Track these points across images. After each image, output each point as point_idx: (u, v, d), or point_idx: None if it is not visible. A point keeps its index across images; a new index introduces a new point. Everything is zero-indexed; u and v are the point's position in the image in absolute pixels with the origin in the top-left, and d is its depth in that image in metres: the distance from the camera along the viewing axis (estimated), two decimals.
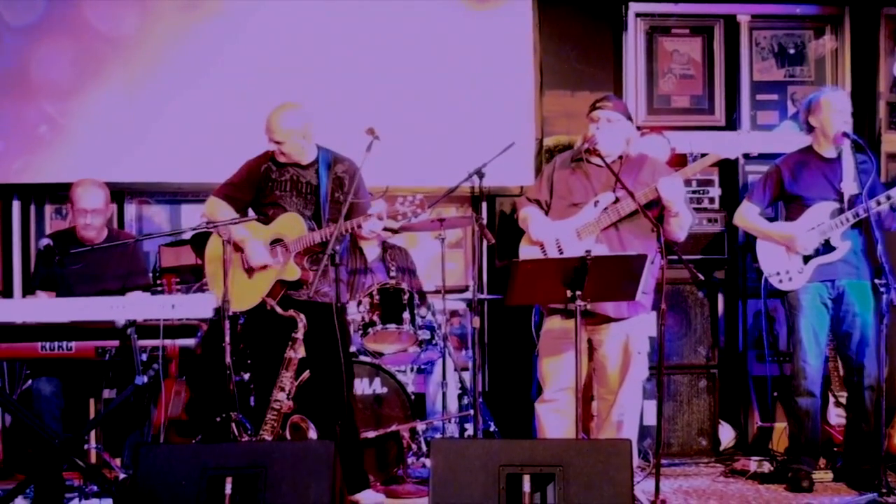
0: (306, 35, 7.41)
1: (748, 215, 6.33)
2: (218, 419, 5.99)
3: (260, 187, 5.74)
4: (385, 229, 6.00)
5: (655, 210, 5.47)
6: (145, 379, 5.06)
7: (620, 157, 5.63)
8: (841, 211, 6.02)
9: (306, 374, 5.92)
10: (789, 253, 6.12)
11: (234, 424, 5.86)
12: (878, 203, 5.89)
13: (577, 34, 7.75)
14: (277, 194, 5.72)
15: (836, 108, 6.09)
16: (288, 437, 5.62)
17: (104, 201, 6.05)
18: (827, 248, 6.05)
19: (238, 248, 5.67)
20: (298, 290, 5.59)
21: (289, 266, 5.59)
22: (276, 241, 5.66)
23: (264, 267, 5.62)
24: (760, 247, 6.26)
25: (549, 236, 5.62)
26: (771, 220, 6.41)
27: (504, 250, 7.04)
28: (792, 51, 7.70)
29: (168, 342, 5.19)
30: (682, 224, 5.54)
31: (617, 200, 5.50)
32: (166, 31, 7.38)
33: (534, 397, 5.97)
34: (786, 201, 6.30)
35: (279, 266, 5.61)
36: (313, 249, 5.58)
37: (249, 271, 5.67)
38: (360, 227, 5.53)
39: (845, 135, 6.00)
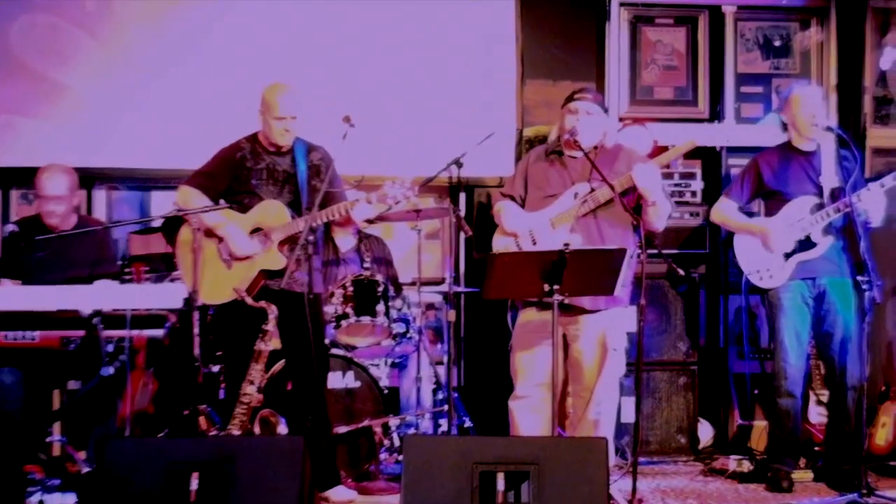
0: (283, 21, 7.38)
1: (725, 210, 6.31)
2: (185, 412, 5.96)
3: (235, 176, 5.71)
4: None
5: (632, 199, 5.45)
6: (111, 370, 5.01)
7: (595, 148, 5.61)
8: (821, 206, 6.01)
9: (278, 366, 5.90)
10: (766, 249, 6.10)
11: (202, 418, 5.83)
12: (860, 198, 5.86)
13: (560, 23, 7.71)
14: (253, 183, 5.69)
15: (805, 102, 6.10)
16: (257, 431, 5.59)
17: (68, 187, 5.99)
18: (807, 244, 6.04)
19: (212, 236, 5.64)
20: (275, 279, 5.54)
21: (271, 254, 5.56)
22: (256, 230, 5.64)
23: (247, 257, 5.58)
24: (738, 244, 6.25)
25: (523, 227, 5.61)
26: (750, 216, 6.39)
27: (482, 242, 7.01)
28: (777, 43, 7.69)
29: (135, 333, 5.14)
30: (660, 213, 5.51)
31: (592, 191, 5.48)
32: (141, 15, 7.33)
33: None
34: (765, 197, 6.29)
35: (261, 255, 5.57)
36: (296, 238, 5.54)
37: (228, 262, 5.63)
38: (347, 212, 5.50)
39: (829, 129, 6.01)
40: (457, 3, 7.50)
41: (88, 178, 7.26)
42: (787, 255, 6.06)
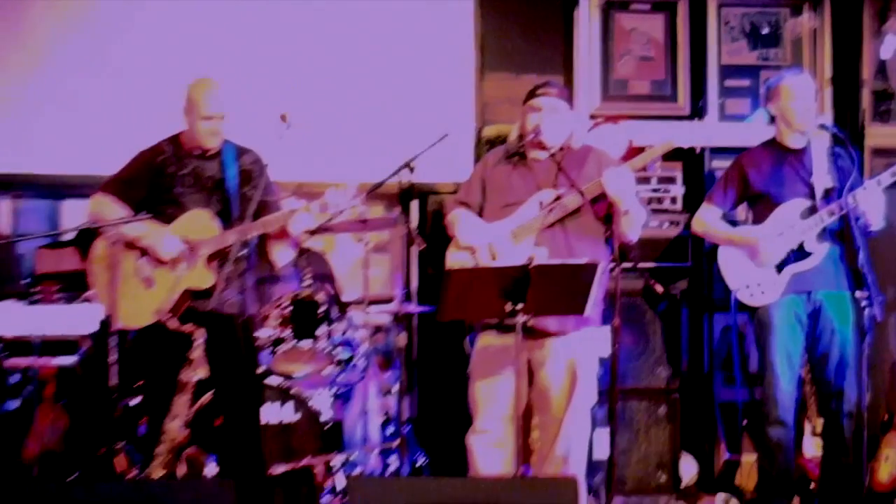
0: (208, 13, 7.36)
1: (707, 219, 6.32)
2: (101, 451, 5.92)
3: (156, 182, 5.66)
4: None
5: (603, 207, 5.46)
6: (16, 403, 4.97)
7: (561, 149, 5.61)
8: (814, 209, 6.01)
9: (205, 398, 5.87)
10: (754, 262, 6.11)
11: (120, 457, 5.80)
12: (855, 199, 5.87)
13: (524, 9, 7.73)
14: (177, 191, 5.64)
15: (796, 93, 6.12)
16: (182, 472, 5.56)
17: None
18: (800, 253, 6.04)
19: (131, 248, 5.57)
20: (202, 299, 5.51)
21: (199, 271, 5.51)
22: None
23: (174, 265, 5.53)
24: (723, 257, 6.24)
25: (481, 240, 5.60)
26: (735, 224, 6.41)
27: (436, 256, 7.01)
28: (766, 31, 7.72)
29: (43, 361, 5.10)
30: (632, 223, 5.52)
31: (558, 198, 5.48)
32: (56, 8, 7.31)
33: None
34: (751, 202, 6.29)
35: (186, 272, 5.52)
36: (226, 252, 5.50)
37: (148, 280, 5.57)
38: (284, 223, 5.48)
39: (823, 127, 6.04)
40: None
41: None
42: (780, 267, 6.07)
